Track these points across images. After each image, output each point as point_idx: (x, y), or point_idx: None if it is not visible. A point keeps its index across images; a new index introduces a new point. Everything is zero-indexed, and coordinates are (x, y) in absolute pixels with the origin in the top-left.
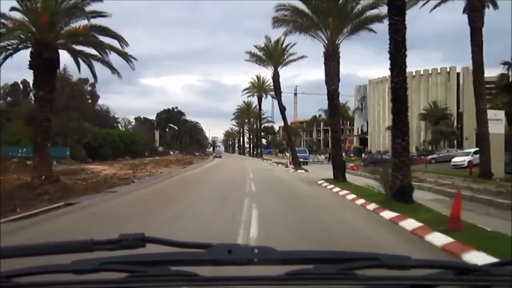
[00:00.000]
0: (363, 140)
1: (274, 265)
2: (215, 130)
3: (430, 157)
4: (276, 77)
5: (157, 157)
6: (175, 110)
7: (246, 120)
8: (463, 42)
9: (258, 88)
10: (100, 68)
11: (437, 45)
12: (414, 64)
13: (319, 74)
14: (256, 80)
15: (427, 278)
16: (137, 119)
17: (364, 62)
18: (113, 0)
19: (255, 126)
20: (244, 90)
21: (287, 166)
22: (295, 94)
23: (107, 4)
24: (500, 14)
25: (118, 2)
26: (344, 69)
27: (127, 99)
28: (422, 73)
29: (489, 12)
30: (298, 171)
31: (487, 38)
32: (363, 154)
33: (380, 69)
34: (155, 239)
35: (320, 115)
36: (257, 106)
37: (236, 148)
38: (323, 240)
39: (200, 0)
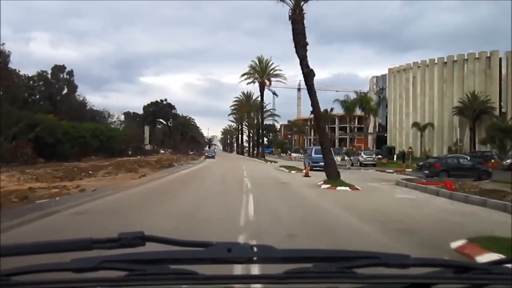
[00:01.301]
0: (380, 139)
1: (273, 264)
2: (214, 129)
3: (509, 161)
4: (297, 16)
5: (139, 157)
6: (164, 102)
7: (246, 115)
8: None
9: (260, 72)
10: (100, 66)
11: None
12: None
13: (323, 73)
14: (257, 63)
15: (426, 276)
16: (126, 114)
17: (364, 62)
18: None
19: (255, 121)
20: (243, 75)
21: (307, 175)
22: (299, 89)
23: (105, 2)
24: None
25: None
26: (345, 70)
27: (126, 97)
28: (455, 58)
29: None
30: (340, 188)
31: None
32: (395, 156)
33: (381, 68)
34: (154, 238)
35: (332, 109)
36: (259, 98)
37: (235, 147)
38: None
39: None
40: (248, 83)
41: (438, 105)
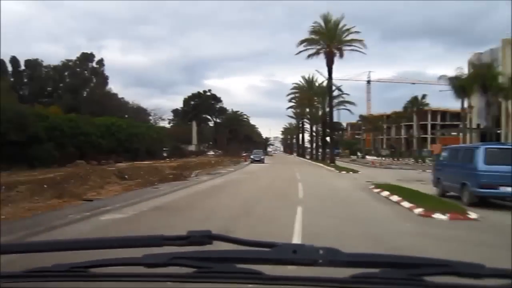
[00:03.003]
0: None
1: (338, 267)
2: (277, 131)
3: None
4: None
5: (166, 160)
6: (207, 94)
7: (307, 110)
8: None
9: (327, 37)
10: (166, 70)
11: None
12: None
13: (387, 72)
14: (322, 25)
15: None
16: (175, 111)
17: (433, 60)
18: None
19: (320, 113)
20: (302, 42)
21: None
22: (368, 82)
23: (172, 8)
24: None
25: (183, 5)
26: (411, 68)
27: None
28: None
29: None
30: None
31: None
32: None
33: (451, 65)
34: (221, 237)
35: (424, 96)
36: (324, 83)
37: (295, 148)
38: None
39: (262, 0)
40: (308, 56)
41: None
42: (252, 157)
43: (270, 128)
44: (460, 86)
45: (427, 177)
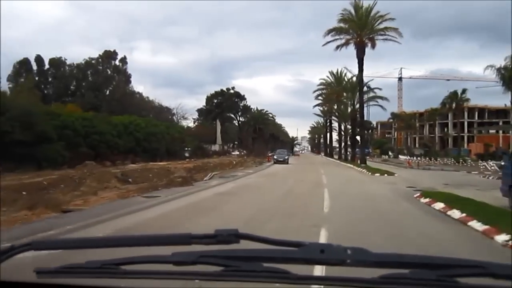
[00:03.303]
0: None
1: (366, 268)
2: (305, 130)
3: None
4: None
5: (186, 161)
6: (231, 91)
7: (335, 107)
8: None
9: (357, 25)
10: (194, 71)
11: None
12: None
13: (419, 70)
14: (352, 12)
15: None
16: (200, 110)
17: (467, 57)
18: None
19: (349, 109)
20: (329, 32)
21: None
22: (400, 79)
23: (199, 9)
24: None
25: (210, 5)
26: (444, 66)
27: None
28: None
29: None
30: None
31: None
32: None
33: (485, 62)
34: (248, 236)
35: (465, 91)
36: (353, 78)
37: (323, 147)
38: None
39: (290, 0)
40: (337, 48)
41: None
42: (275, 157)
43: (298, 128)
44: (510, 77)
45: (478, 180)
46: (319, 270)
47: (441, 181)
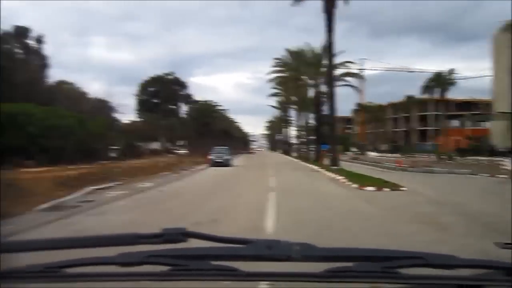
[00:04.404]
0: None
1: (314, 262)
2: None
3: None
4: None
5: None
6: (170, 76)
7: (294, 97)
8: None
9: None
10: (153, 68)
11: None
12: None
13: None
14: None
15: (475, 278)
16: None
17: (421, 55)
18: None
19: (314, 93)
20: None
21: None
22: (362, 70)
23: (158, 4)
24: None
25: (170, 1)
26: (399, 64)
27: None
28: None
29: None
30: None
31: None
32: None
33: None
34: (196, 234)
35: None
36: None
37: (281, 144)
38: None
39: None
40: None
41: None
42: (211, 157)
43: (257, 125)
44: None
45: None
46: (267, 267)
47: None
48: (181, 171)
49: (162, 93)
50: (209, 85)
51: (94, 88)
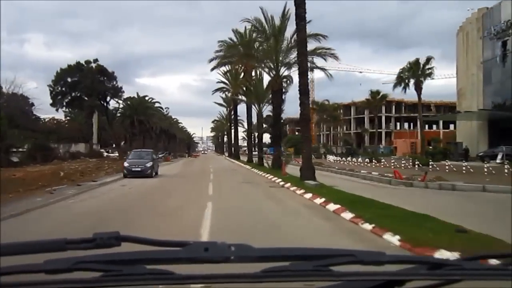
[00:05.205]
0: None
1: (251, 263)
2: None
3: None
4: None
5: None
6: (92, 65)
7: (245, 89)
8: None
9: None
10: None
11: None
12: (442, 46)
13: (320, 72)
14: None
15: (400, 273)
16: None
17: (362, 61)
18: None
19: (271, 76)
20: None
21: None
22: (312, 69)
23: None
24: None
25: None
26: (342, 68)
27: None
28: None
29: None
30: None
31: None
32: None
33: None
34: (130, 238)
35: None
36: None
37: (228, 146)
38: None
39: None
40: None
41: None
42: (126, 165)
43: (203, 127)
44: None
45: None
46: (204, 269)
47: None
48: (77, 186)
49: (83, 84)
50: (155, 86)
51: (30, 86)
